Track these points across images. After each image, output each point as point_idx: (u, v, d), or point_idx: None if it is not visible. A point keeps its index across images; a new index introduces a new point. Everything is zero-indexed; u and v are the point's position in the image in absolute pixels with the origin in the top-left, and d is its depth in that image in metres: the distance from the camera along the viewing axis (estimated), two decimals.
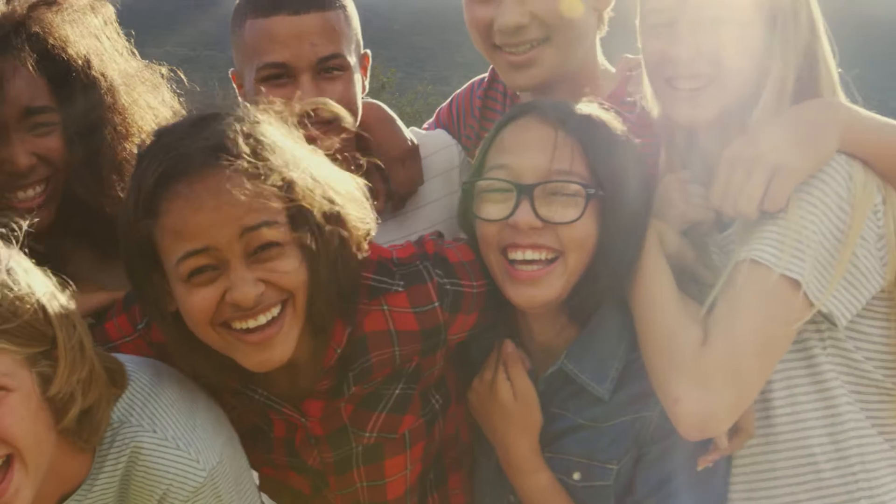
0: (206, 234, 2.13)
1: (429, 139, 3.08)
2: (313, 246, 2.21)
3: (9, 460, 2.08)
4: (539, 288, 2.42)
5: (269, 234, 2.16)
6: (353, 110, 2.79)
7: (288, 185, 2.18)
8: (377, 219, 2.40)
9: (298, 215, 2.20)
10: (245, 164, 2.13)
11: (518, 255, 2.42)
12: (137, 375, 2.33)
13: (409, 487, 2.62)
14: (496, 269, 2.47)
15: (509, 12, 2.71)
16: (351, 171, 2.40)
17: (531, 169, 2.41)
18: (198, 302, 2.18)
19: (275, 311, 2.22)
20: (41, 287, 2.11)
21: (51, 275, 2.17)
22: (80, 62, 2.59)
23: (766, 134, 2.35)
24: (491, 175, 2.46)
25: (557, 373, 2.51)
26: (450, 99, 3.33)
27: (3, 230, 2.15)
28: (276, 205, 2.17)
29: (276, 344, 2.23)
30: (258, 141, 2.18)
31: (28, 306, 2.05)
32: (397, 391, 2.48)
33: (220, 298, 2.17)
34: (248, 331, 2.21)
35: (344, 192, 2.31)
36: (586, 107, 2.52)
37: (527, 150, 2.43)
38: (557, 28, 2.73)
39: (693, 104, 2.43)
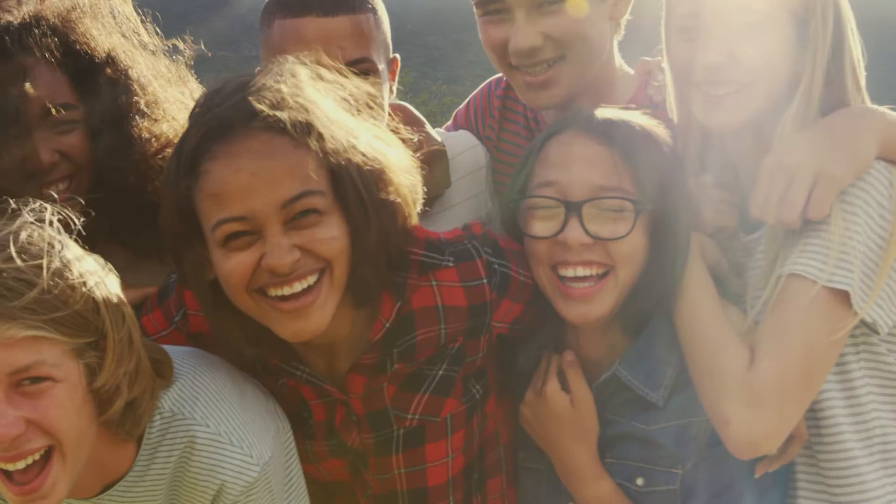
0: (243, 202, 2.10)
1: (455, 140, 3.06)
2: (357, 214, 2.18)
3: (48, 452, 2.06)
4: (592, 304, 2.41)
5: (309, 202, 2.13)
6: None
7: (333, 150, 2.14)
8: None
9: (342, 181, 2.16)
10: (287, 127, 2.10)
11: (569, 272, 2.41)
12: (185, 366, 2.31)
13: (451, 478, 2.56)
14: (547, 286, 2.45)
15: (522, 35, 2.68)
16: None
17: (578, 185, 2.39)
18: (234, 266, 2.15)
19: (311, 279, 2.18)
20: (93, 276, 2.08)
21: (102, 263, 2.15)
22: (103, 57, 2.58)
23: (806, 141, 2.33)
24: (538, 192, 2.45)
25: (610, 380, 2.49)
26: (466, 101, 3.30)
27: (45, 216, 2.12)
28: (319, 170, 2.13)
29: (311, 313, 2.19)
30: (303, 104, 2.14)
31: (79, 296, 2.02)
32: (441, 372, 2.45)
33: (256, 264, 2.14)
34: (284, 298, 2.17)
35: (393, 159, 2.26)
36: (629, 116, 2.50)
37: (573, 165, 2.42)
38: (572, 45, 2.70)
39: (723, 110, 2.41)
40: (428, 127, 3.02)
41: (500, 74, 3.15)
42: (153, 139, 2.64)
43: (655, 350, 2.48)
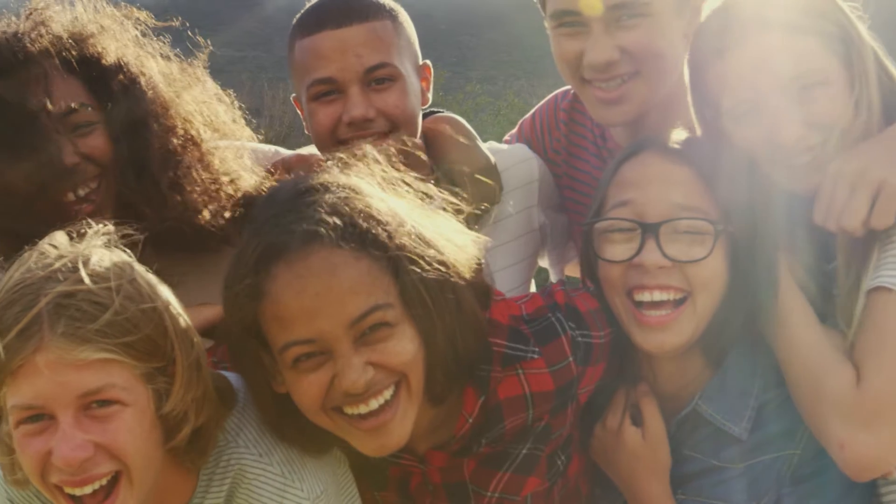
0: (309, 324, 2.01)
1: (506, 153, 3.00)
2: (425, 321, 2.09)
3: (116, 477, 2.03)
4: (668, 333, 2.32)
5: (377, 316, 2.03)
6: (407, 119, 2.73)
7: (396, 259, 2.05)
8: None
9: (409, 288, 2.07)
10: (347, 241, 2.01)
11: (645, 296, 2.32)
12: (242, 394, 2.26)
13: None
14: (622, 313, 2.36)
15: (599, 48, 2.61)
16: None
17: (655, 206, 2.31)
18: (306, 388, 2.07)
19: (387, 393, 2.09)
20: (163, 301, 2.06)
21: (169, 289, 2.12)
22: (114, 64, 2.56)
23: (867, 150, 2.30)
24: (613, 214, 2.36)
25: (690, 414, 2.41)
26: (532, 111, 3.26)
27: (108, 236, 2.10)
28: (384, 281, 2.04)
29: (391, 429, 2.10)
30: (361, 213, 2.05)
31: (149, 320, 2.00)
32: (524, 451, 2.35)
33: (329, 383, 2.06)
34: (362, 416, 2.09)
35: (456, 250, 2.16)
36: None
37: (649, 186, 2.34)
38: (648, 61, 2.64)
39: (799, 176, 2.36)
40: (479, 141, 2.96)
41: (566, 87, 3.10)
42: (176, 143, 2.60)
43: (736, 381, 2.40)
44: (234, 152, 2.70)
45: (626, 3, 2.58)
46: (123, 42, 2.63)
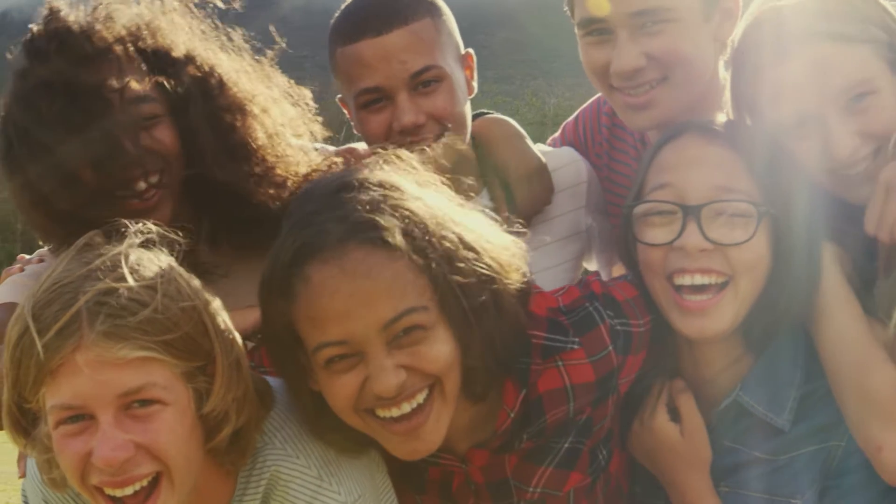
0: (342, 326, 1.98)
1: (555, 155, 2.97)
2: (461, 324, 2.05)
3: (156, 478, 2.00)
4: (709, 318, 2.27)
5: (411, 319, 1.99)
6: (457, 119, 2.70)
7: (433, 260, 2.00)
8: None
9: (446, 291, 2.02)
10: (383, 242, 1.97)
11: (686, 279, 2.27)
12: (279, 396, 2.23)
13: None
14: (662, 298, 2.32)
15: (625, 56, 2.57)
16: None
17: (696, 189, 2.27)
18: (339, 390, 2.04)
19: (420, 397, 2.05)
20: (203, 300, 2.03)
21: (209, 289, 2.10)
22: (183, 56, 2.55)
23: None
24: (653, 197, 2.32)
25: (731, 405, 2.37)
26: (575, 115, 3.23)
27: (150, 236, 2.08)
28: (420, 283, 2.00)
29: (424, 433, 2.07)
30: (397, 212, 2.01)
31: (189, 318, 1.97)
32: (566, 445, 2.32)
33: (361, 385, 2.03)
34: (394, 420, 2.06)
35: (497, 251, 2.12)
36: None
37: (690, 169, 2.30)
38: (675, 66, 2.59)
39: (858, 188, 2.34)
40: (528, 141, 2.93)
41: None
42: (248, 138, 2.58)
43: (779, 370, 2.36)
44: (301, 148, 2.69)
45: (651, 9, 2.54)
46: (193, 35, 2.62)
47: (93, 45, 2.43)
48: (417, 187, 2.11)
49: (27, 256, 2.79)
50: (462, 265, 2.04)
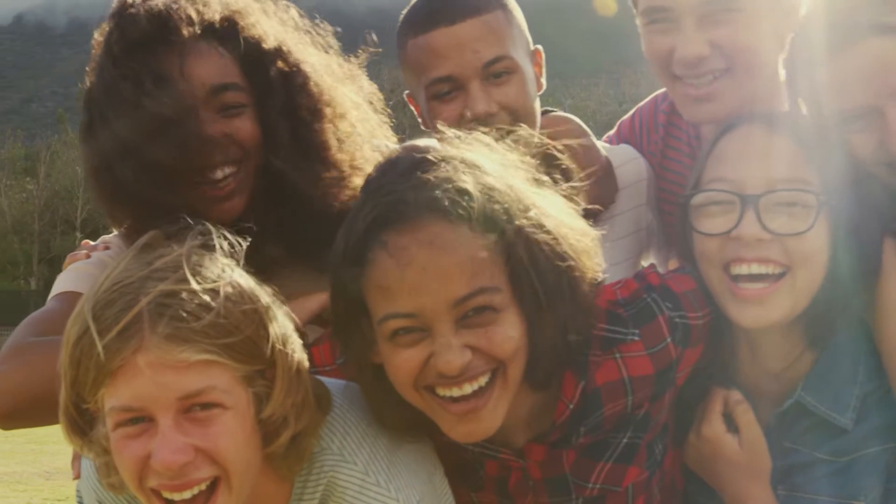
0: (412, 298, 1.95)
1: (616, 152, 2.96)
2: (533, 310, 2.02)
3: (214, 483, 1.97)
4: (765, 307, 2.24)
5: (483, 299, 1.97)
6: (528, 112, 2.70)
7: (511, 241, 1.98)
8: None
9: (521, 274, 2.00)
10: (463, 217, 1.95)
11: (743, 269, 2.25)
12: (336, 401, 2.20)
13: None
14: (717, 288, 2.29)
15: (691, 43, 2.56)
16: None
17: (754, 178, 2.25)
18: (402, 363, 2.02)
19: (483, 380, 2.02)
20: (264, 304, 2.01)
21: (270, 291, 2.07)
22: (273, 49, 2.53)
23: None
24: (711, 187, 2.31)
25: (792, 406, 2.34)
26: (632, 112, 3.22)
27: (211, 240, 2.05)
28: (496, 264, 1.97)
29: (482, 417, 2.04)
30: (478, 189, 1.98)
31: (251, 322, 1.95)
32: (625, 440, 2.29)
33: (424, 361, 2.00)
34: (453, 399, 2.04)
35: (574, 238, 2.09)
36: None
37: (748, 159, 2.27)
38: (739, 57, 2.58)
39: None
40: (593, 138, 2.92)
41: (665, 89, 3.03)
42: (330, 140, 2.57)
43: (840, 368, 2.32)
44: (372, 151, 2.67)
45: None
46: (285, 27, 2.60)
47: (181, 29, 2.41)
48: (499, 167, 2.09)
49: (91, 242, 2.77)
50: (539, 249, 2.01)
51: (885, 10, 2.24)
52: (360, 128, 2.66)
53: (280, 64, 2.54)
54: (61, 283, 2.60)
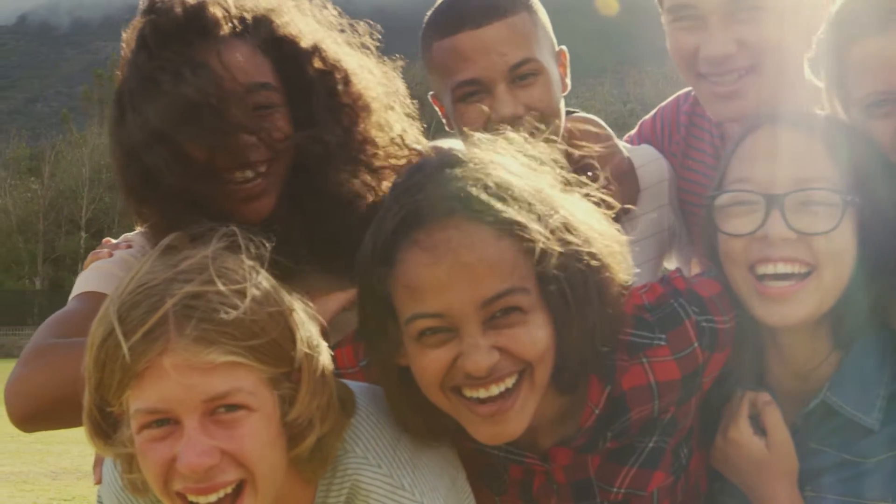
0: (440, 298, 1.95)
1: (638, 153, 2.96)
2: (561, 312, 2.02)
3: (240, 486, 1.96)
4: (790, 305, 2.23)
5: (511, 300, 1.97)
6: (553, 113, 2.69)
7: (539, 243, 1.97)
8: None
9: (549, 276, 1.99)
10: (492, 218, 1.95)
11: (769, 268, 2.23)
12: (360, 404, 2.19)
13: None
14: (743, 288, 2.28)
15: (717, 41, 2.56)
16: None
17: (779, 178, 2.23)
18: (428, 364, 2.01)
19: (510, 381, 2.01)
20: (288, 305, 2.00)
21: (295, 294, 2.06)
22: (309, 48, 2.51)
23: None
24: (736, 187, 2.30)
25: (819, 406, 2.33)
26: (653, 112, 3.20)
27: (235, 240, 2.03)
28: (525, 265, 1.97)
29: (508, 419, 2.03)
30: (507, 191, 1.98)
31: (277, 324, 1.94)
32: (651, 444, 2.28)
33: (451, 362, 2.00)
34: (480, 401, 2.03)
35: (603, 242, 2.08)
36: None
37: (773, 158, 2.26)
38: (764, 55, 2.57)
39: None
40: (616, 139, 2.91)
41: (687, 89, 3.04)
42: (368, 140, 2.56)
43: (866, 368, 2.31)
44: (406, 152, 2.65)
45: None
46: (321, 26, 2.59)
47: (217, 22, 2.40)
48: (526, 169, 2.08)
49: (114, 241, 2.74)
50: (567, 251, 2.01)
51: None
52: (395, 129, 2.64)
53: (317, 63, 2.52)
54: (83, 283, 2.57)
